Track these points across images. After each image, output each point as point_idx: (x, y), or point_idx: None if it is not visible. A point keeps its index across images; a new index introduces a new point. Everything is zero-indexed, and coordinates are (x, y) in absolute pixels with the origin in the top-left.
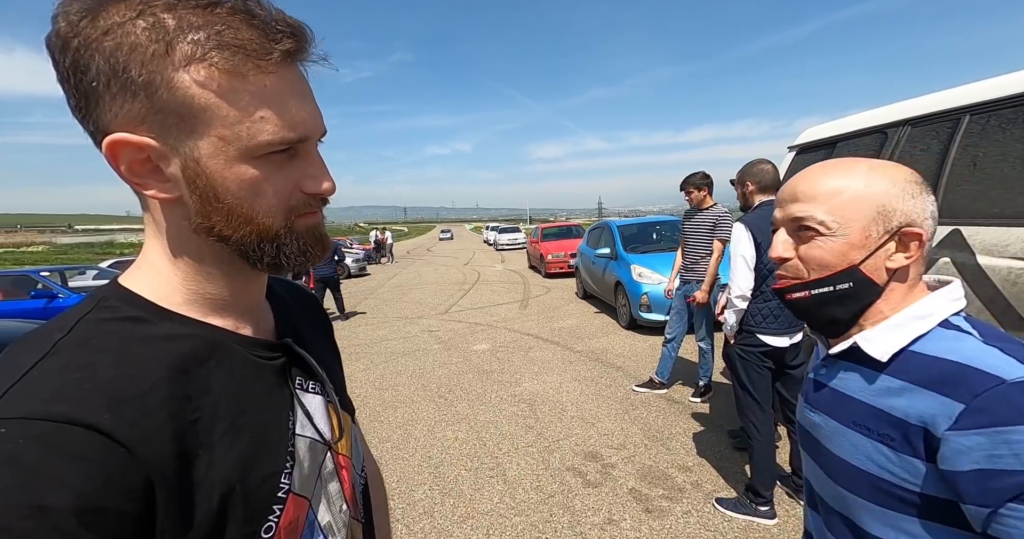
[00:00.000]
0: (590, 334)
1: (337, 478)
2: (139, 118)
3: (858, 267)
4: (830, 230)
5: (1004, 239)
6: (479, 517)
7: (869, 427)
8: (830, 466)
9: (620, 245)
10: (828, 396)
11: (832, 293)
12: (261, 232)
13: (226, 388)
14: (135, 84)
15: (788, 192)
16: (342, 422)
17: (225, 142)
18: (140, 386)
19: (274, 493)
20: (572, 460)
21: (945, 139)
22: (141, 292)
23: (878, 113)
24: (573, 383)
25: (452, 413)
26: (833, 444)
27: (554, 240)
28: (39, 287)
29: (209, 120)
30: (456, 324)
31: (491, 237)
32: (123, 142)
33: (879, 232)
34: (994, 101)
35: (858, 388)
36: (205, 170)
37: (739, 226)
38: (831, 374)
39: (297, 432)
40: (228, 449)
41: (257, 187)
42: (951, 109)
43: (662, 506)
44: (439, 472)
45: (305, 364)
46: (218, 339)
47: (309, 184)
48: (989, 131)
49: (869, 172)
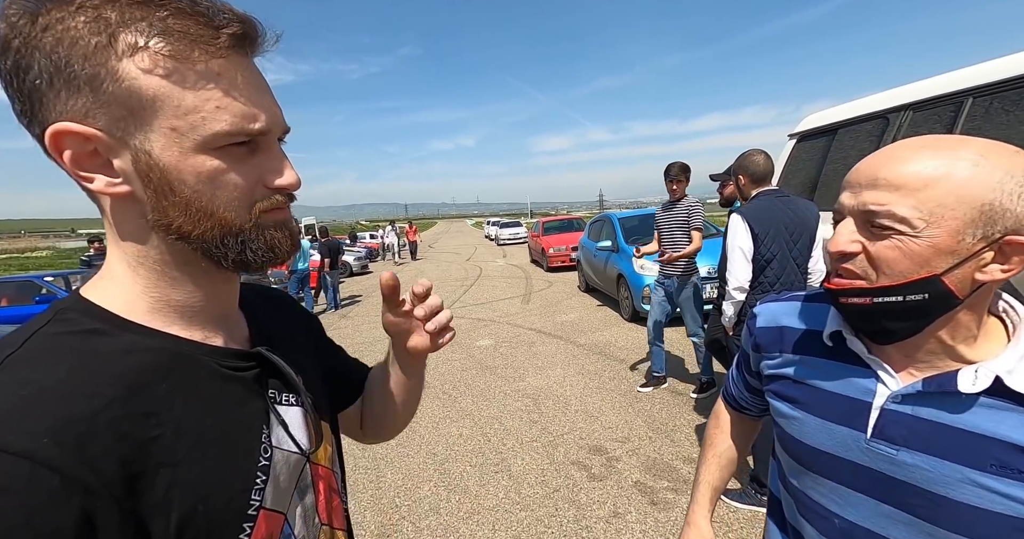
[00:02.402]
0: (593, 327)
1: (312, 490)
2: (84, 112)
3: (940, 277)
4: (914, 229)
5: None
6: (485, 513)
7: (1021, 470)
8: (938, 512)
9: (621, 238)
10: (934, 433)
11: (899, 304)
12: (223, 226)
13: (192, 402)
14: (79, 78)
15: (866, 174)
16: (321, 431)
17: (178, 133)
18: (90, 405)
19: (244, 510)
20: (577, 454)
21: (948, 123)
22: (102, 303)
23: (879, 98)
24: (576, 377)
25: (456, 409)
26: (951, 489)
27: (555, 234)
28: (43, 292)
29: (159, 110)
30: (458, 320)
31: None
32: (66, 132)
33: (976, 237)
34: (997, 83)
35: (995, 426)
36: (158, 162)
37: (736, 218)
38: (932, 407)
39: (273, 445)
40: (193, 466)
41: (216, 179)
42: (953, 92)
43: (667, 498)
44: (444, 468)
45: (281, 374)
46: (183, 351)
47: (272, 178)
48: (992, 114)
49: (980, 158)
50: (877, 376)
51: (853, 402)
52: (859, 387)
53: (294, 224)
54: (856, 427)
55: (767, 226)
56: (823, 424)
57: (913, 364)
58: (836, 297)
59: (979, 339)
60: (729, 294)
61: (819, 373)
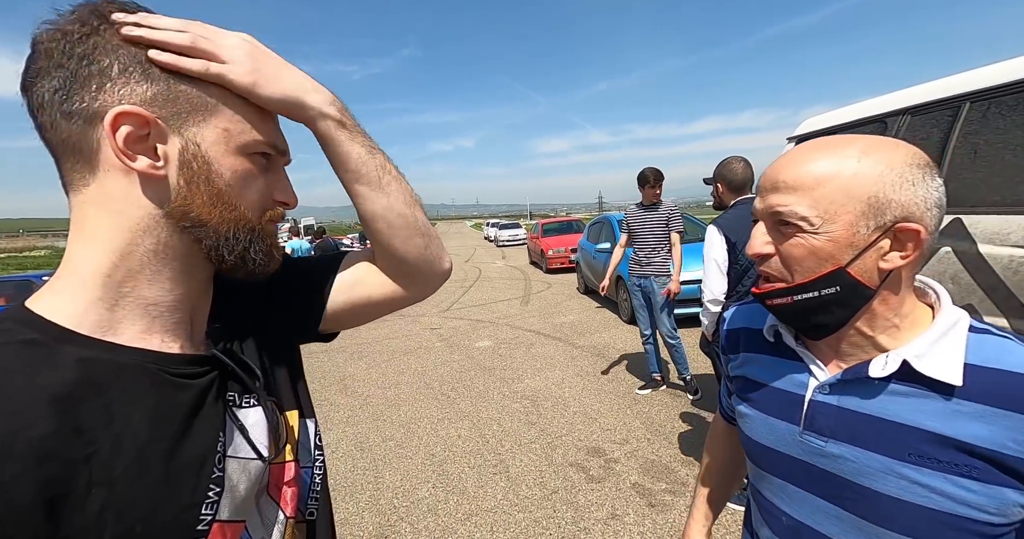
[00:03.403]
0: (592, 329)
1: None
2: (150, 100)
3: (845, 269)
4: (813, 226)
5: (1005, 227)
6: (483, 514)
7: (939, 459)
8: (866, 505)
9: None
10: (857, 423)
11: (817, 299)
12: (241, 220)
13: (133, 416)
14: (156, 71)
15: (769, 179)
16: (282, 432)
17: (229, 134)
18: (9, 424)
19: (193, 525)
20: (575, 456)
21: (945, 127)
22: (47, 312)
23: (878, 102)
24: (575, 379)
25: (455, 410)
26: (874, 480)
27: (555, 235)
28: None
29: (220, 114)
30: (458, 321)
31: (492, 233)
32: (132, 113)
33: (869, 228)
34: (995, 88)
35: (911, 414)
36: (205, 154)
37: (712, 229)
38: (855, 396)
39: (228, 454)
40: (132, 484)
41: (247, 179)
42: (951, 97)
43: (666, 500)
44: (443, 470)
45: (238, 377)
46: (127, 362)
47: (281, 193)
48: (990, 119)
49: (861, 155)
50: (809, 369)
51: (789, 395)
52: (794, 380)
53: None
54: (791, 420)
55: (743, 236)
56: (766, 419)
57: (839, 356)
58: (763, 300)
59: (903, 329)
60: (705, 306)
61: (763, 370)
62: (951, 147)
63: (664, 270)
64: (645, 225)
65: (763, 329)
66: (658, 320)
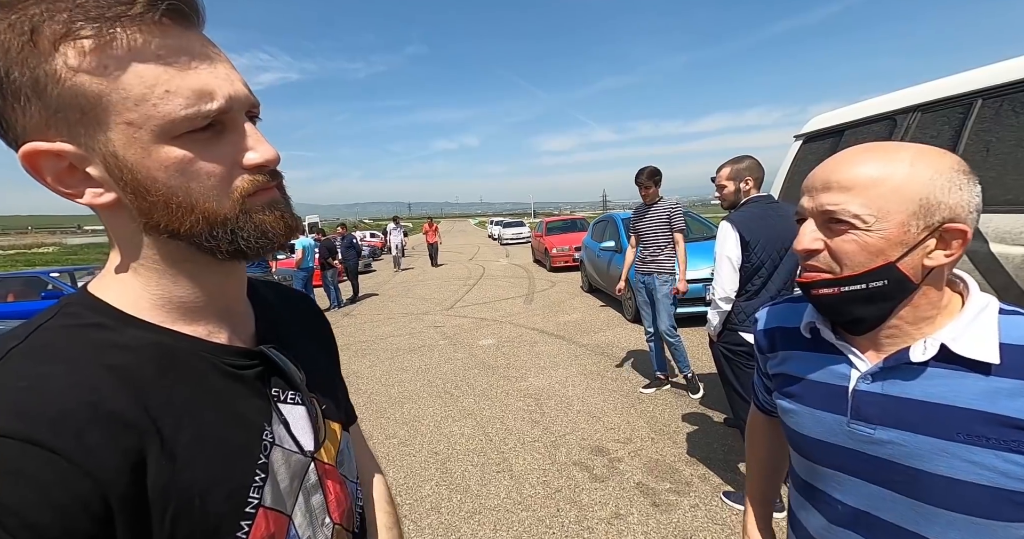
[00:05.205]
0: (595, 328)
1: (321, 490)
2: (43, 123)
3: (895, 264)
4: (866, 224)
5: (1017, 226)
6: (486, 512)
7: (987, 436)
8: (919, 487)
9: (624, 238)
10: (903, 408)
11: (864, 291)
12: (208, 218)
13: (191, 399)
14: (23, 86)
15: (820, 179)
16: (324, 431)
17: (135, 127)
18: (89, 396)
19: (241, 508)
20: (579, 454)
21: (957, 125)
22: (107, 298)
23: (887, 99)
24: (579, 377)
25: (458, 409)
26: (926, 462)
27: (559, 234)
28: (49, 288)
29: (109, 105)
30: (461, 319)
31: (496, 232)
32: (37, 152)
33: (919, 227)
34: (1008, 85)
35: (955, 395)
36: (125, 163)
37: (726, 225)
38: (898, 382)
39: (274, 442)
40: (192, 460)
41: (187, 170)
42: (962, 94)
43: (670, 500)
44: (446, 468)
45: (283, 373)
46: (184, 347)
47: (248, 157)
48: (1002, 116)
49: (913, 160)
50: (849, 360)
51: (833, 388)
52: (836, 373)
53: (287, 203)
54: (838, 411)
55: (758, 234)
56: (812, 413)
57: (878, 346)
58: (808, 290)
59: (938, 317)
60: (715, 303)
61: (804, 365)
62: (962, 145)
63: (667, 268)
64: (646, 224)
65: (799, 327)
66: (657, 317)
